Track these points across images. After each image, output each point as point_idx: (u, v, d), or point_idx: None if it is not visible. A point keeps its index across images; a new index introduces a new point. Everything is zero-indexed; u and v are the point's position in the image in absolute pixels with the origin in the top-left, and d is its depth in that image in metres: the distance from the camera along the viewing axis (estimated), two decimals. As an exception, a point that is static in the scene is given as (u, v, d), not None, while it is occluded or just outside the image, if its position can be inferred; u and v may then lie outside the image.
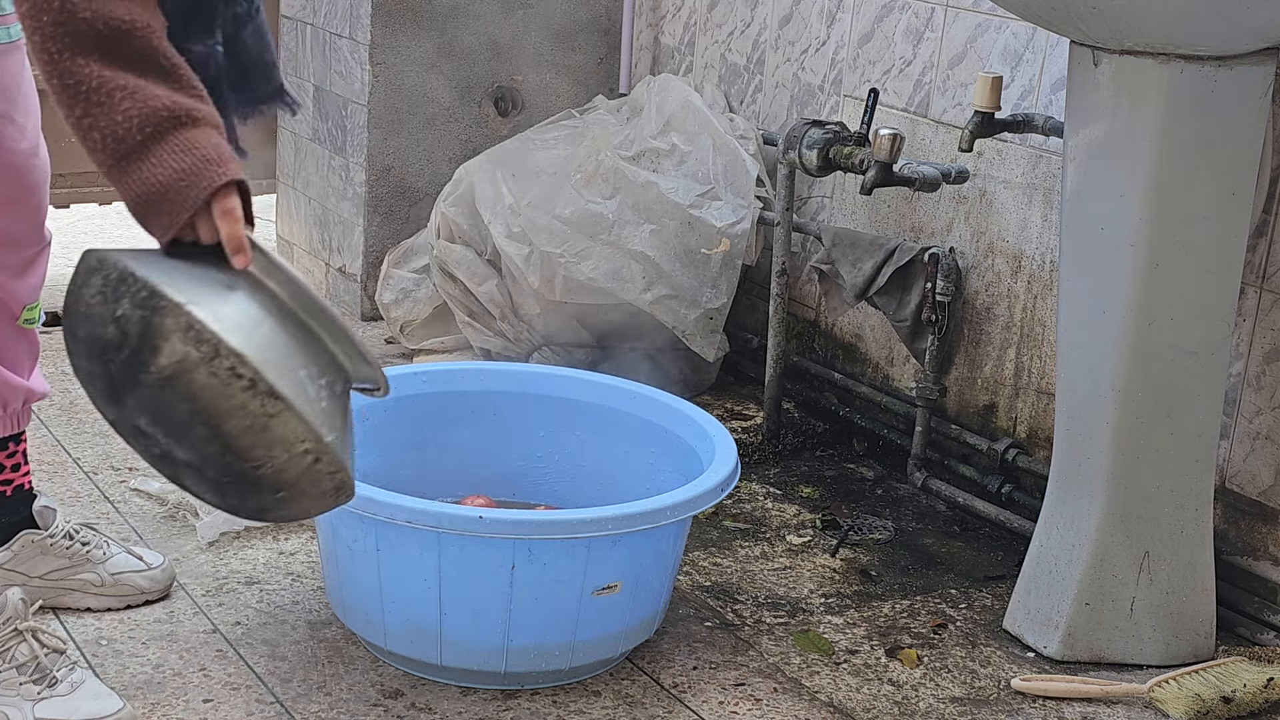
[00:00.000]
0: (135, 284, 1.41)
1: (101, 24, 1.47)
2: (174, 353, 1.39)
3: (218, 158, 1.49)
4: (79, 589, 2.22)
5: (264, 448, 1.45)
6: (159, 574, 2.28)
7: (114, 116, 1.47)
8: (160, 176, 1.47)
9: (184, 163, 1.47)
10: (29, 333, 2.15)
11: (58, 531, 2.21)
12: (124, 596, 2.24)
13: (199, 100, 1.52)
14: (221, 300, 1.43)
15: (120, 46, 1.48)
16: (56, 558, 2.21)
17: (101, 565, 2.23)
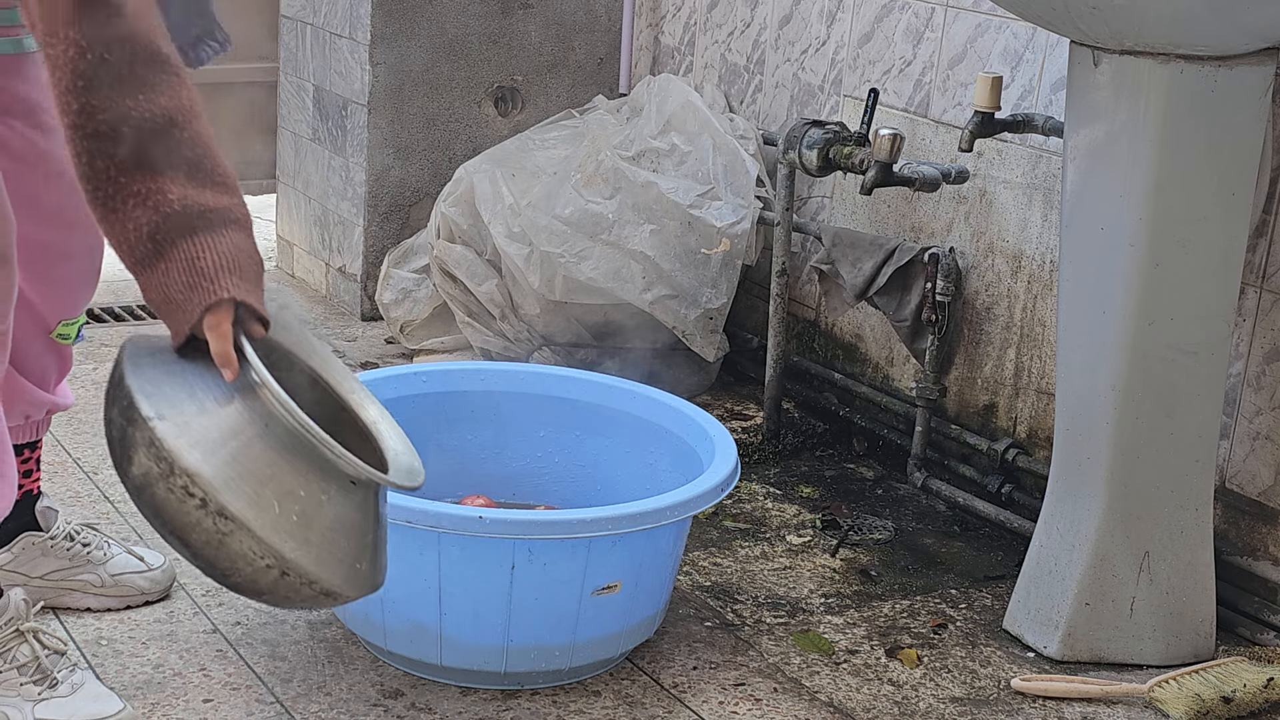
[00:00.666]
0: (123, 392, 1.49)
1: (121, 124, 1.51)
2: (141, 465, 1.48)
3: (215, 271, 1.53)
4: (79, 589, 2.22)
5: (227, 561, 1.51)
6: (159, 575, 2.28)
7: (127, 225, 1.52)
8: (165, 288, 1.53)
9: (185, 277, 1.52)
10: (62, 347, 2.13)
11: (58, 533, 2.21)
12: (124, 597, 2.24)
13: (219, 192, 1.56)
14: (198, 412, 1.49)
15: (139, 145, 1.52)
16: (57, 559, 2.21)
17: (102, 566, 2.23)
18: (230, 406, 1.51)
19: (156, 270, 1.54)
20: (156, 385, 1.50)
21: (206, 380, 1.53)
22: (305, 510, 1.51)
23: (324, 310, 3.64)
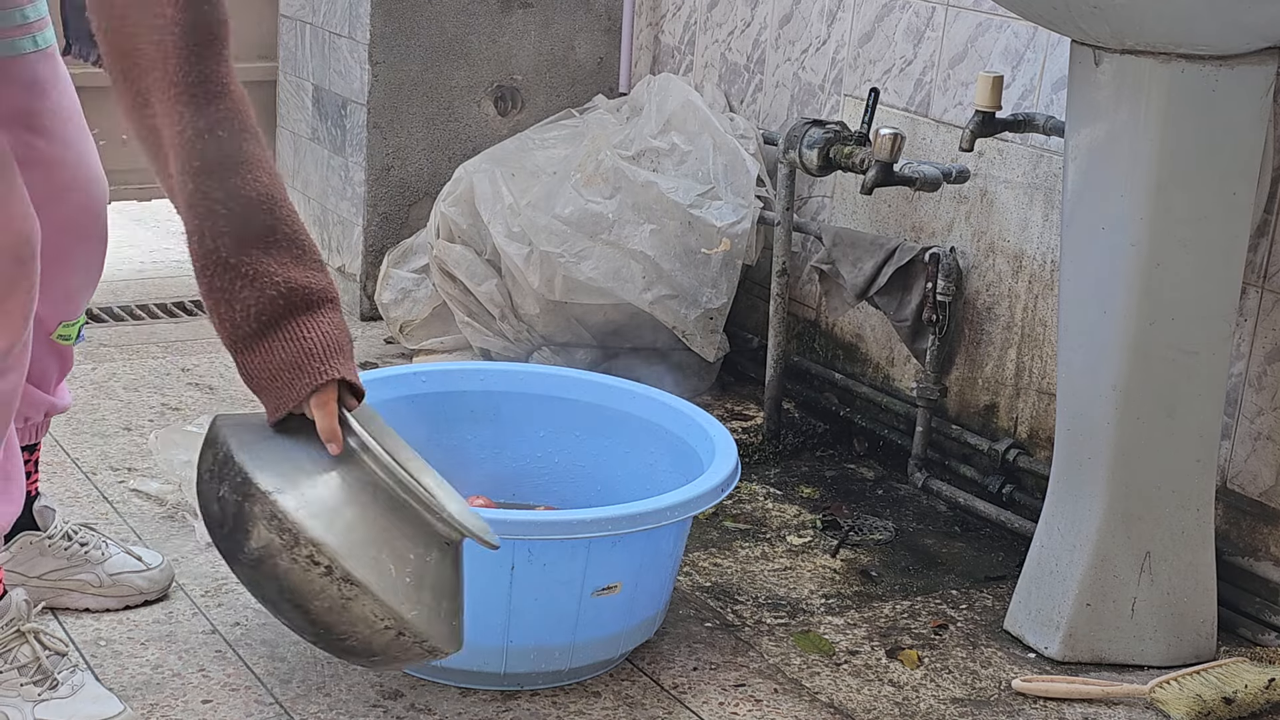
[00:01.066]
0: (234, 469, 1.54)
1: (231, 203, 1.56)
2: (261, 538, 1.52)
3: (322, 351, 1.58)
4: (77, 589, 2.22)
5: (347, 625, 1.56)
6: (157, 574, 2.27)
7: (234, 305, 1.58)
8: (269, 367, 1.59)
9: (290, 356, 1.58)
10: (63, 348, 2.13)
11: (56, 532, 2.21)
12: (122, 597, 2.24)
13: (314, 270, 1.60)
14: (311, 484, 1.55)
15: (246, 224, 1.56)
16: (55, 558, 2.20)
17: (100, 566, 2.22)
18: (335, 475, 1.57)
19: (259, 350, 1.58)
20: (266, 460, 1.55)
21: (309, 452, 1.58)
22: (416, 572, 1.58)
23: (323, 310, 3.63)
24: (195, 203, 1.56)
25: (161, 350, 3.30)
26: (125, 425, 2.89)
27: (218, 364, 3.22)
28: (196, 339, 3.36)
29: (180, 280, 3.78)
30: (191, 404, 3.01)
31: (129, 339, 3.36)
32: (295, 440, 1.60)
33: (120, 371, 3.16)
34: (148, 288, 3.71)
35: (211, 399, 3.05)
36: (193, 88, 1.54)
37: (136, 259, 3.92)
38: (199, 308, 3.59)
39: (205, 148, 1.55)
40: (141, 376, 3.14)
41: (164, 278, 3.80)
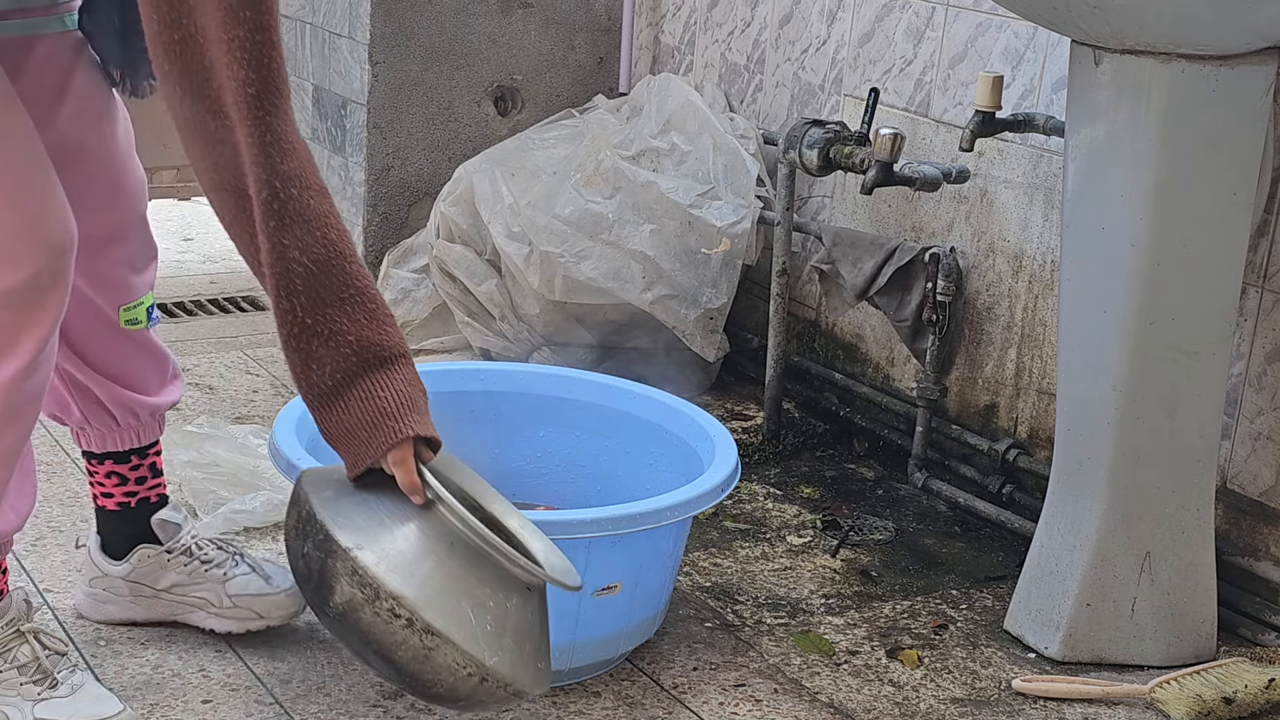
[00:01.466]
0: (316, 527, 1.60)
1: (305, 260, 1.59)
2: (344, 593, 1.58)
3: (396, 410, 1.62)
4: (199, 607, 2.15)
5: (432, 673, 1.61)
6: (283, 599, 2.15)
7: (311, 364, 1.62)
8: (346, 425, 1.62)
9: (367, 414, 1.61)
10: (144, 339, 2.06)
11: (177, 547, 2.15)
12: (243, 620, 2.15)
13: (385, 326, 1.64)
14: (390, 538, 1.60)
15: (319, 282, 1.60)
16: (176, 573, 2.15)
17: (221, 585, 2.15)
18: (414, 527, 1.61)
19: (337, 408, 1.62)
20: (346, 516, 1.60)
21: (388, 505, 1.63)
22: (496, 618, 1.62)
23: (323, 310, 3.63)
24: (272, 262, 1.59)
25: (161, 350, 3.30)
26: (125, 425, 2.89)
27: (218, 364, 3.22)
28: (196, 339, 3.36)
29: (180, 280, 3.78)
30: (191, 404, 3.01)
31: (129, 339, 3.35)
32: (375, 494, 1.64)
33: (120, 371, 3.16)
34: (148, 288, 3.71)
35: (211, 399, 3.05)
36: (265, 148, 1.57)
37: (136, 259, 3.92)
38: (199, 308, 3.59)
39: (279, 208, 1.58)
40: (141, 376, 3.14)
41: (164, 278, 3.80)
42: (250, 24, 1.54)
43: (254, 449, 2.62)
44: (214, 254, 4.05)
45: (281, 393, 3.09)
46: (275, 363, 3.25)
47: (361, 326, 1.62)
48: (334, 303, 1.61)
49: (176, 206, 4.34)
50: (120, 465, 2.12)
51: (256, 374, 3.19)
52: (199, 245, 4.12)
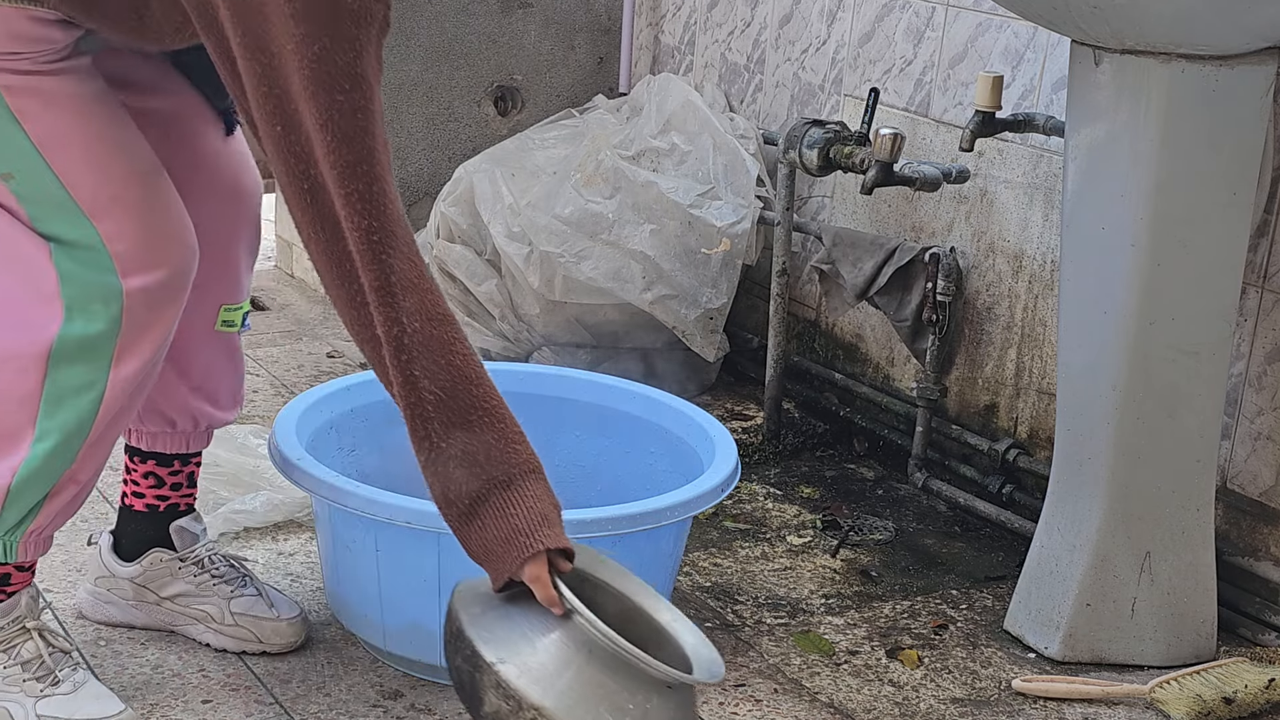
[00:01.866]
0: (465, 642, 1.69)
1: (436, 387, 1.67)
2: (492, 704, 1.67)
3: (527, 526, 1.68)
4: (201, 620, 2.15)
5: None
6: (284, 626, 2.15)
7: (449, 485, 1.68)
8: (483, 543, 1.70)
9: (501, 531, 1.68)
10: (230, 346, 2.09)
11: (189, 557, 2.15)
12: (241, 640, 2.15)
13: (515, 444, 1.70)
14: (531, 650, 1.68)
15: (450, 408, 1.68)
16: (184, 582, 2.15)
17: (227, 601, 2.15)
18: (555, 637, 1.68)
19: (474, 527, 1.69)
20: (491, 630, 1.69)
21: (530, 617, 1.70)
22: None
23: (323, 310, 3.63)
24: (405, 393, 1.66)
25: (161, 350, 3.29)
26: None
27: (218, 364, 3.22)
28: (196, 339, 3.36)
29: (180, 280, 3.78)
30: (191, 404, 3.01)
31: (129, 339, 3.35)
32: (518, 606, 1.71)
33: (120, 371, 3.15)
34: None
35: (211, 399, 3.05)
36: (389, 289, 1.64)
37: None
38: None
39: (407, 342, 1.65)
40: (141, 376, 3.14)
41: (164, 278, 3.80)
42: (366, 178, 1.62)
43: (254, 449, 2.62)
44: (214, 254, 4.05)
45: (281, 393, 3.09)
46: (275, 363, 3.25)
47: (490, 447, 1.68)
48: (464, 425, 1.68)
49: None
50: (162, 468, 2.13)
51: (256, 374, 3.19)
52: (199, 245, 4.11)
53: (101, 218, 1.79)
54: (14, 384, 1.81)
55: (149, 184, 1.84)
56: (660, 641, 1.79)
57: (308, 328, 3.50)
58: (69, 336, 1.80)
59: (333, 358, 3.33)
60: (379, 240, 1.63)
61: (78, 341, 1.80)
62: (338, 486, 2.02)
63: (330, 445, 2.27)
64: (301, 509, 2.54)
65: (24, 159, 1.77)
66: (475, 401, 1.69)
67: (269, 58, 1.61)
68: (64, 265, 1.79)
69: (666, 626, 1.81)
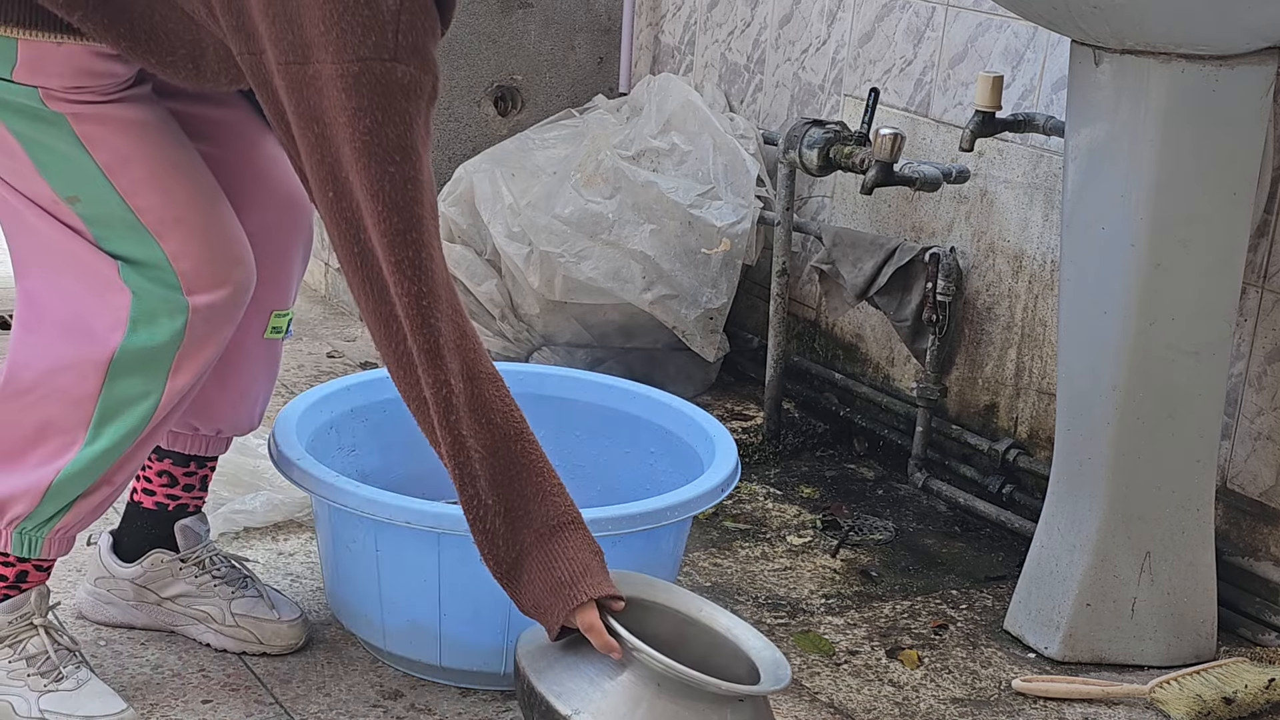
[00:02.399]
0: (538, 699, 1.74)
1: (482, 446, 1.73)
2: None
3: (570, 577, 1.74)
4: (202, 620, 2.16)
5: None
6: (285, 628, 2.15)
7: (495, 541, 1.75)
8: (532, 595, 1.76)
9: (547, 583, 1.74)
10: (272, 355, 2.11)
11: (190, 557, 2.15)
12: (241, 640, 2.15)
13: (556, 496, 1.76)
14: (602, 694, 1.73)
15: (493, 464, 1.73)
16: (185, 583, 2.16)
17: (228, 602, 2.16)
18: (623, 678, 1.73)
19: (523, 580, 1.75)
20: (561, 683, 1.75)
21: (595, 662, 1.75)
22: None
23: (323, 310, 3.63)
24: (454, 453, 1.72)
25: (161, 350, 3.29)
26: (125, 425, 2.89)
27: (218, 364, 3.22)
28: (196, 339, 3.36)
29: (180, 280, 3.78)
30: (191, 404, 3.01)
31: (129, 339, 3.35)
32: (581, 654, 1.76)
33: (120, 371, 3.15)
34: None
35: (211, 399, 3.04)
36: (436, 351, 1.70)
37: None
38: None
39: (454, 402, 1.71)
40: (141, 376, 3.14)
41: (164, 278, 3.80)
42: (414, 245, 1.66)
43: (254, 449, 2.62)
44: (214, 254, 4.05)
45: (281, 392, 3.09)
46: (275, 363, 3.25)
47: (531, 500, 1.74)
48: (507, 482, 1.74)
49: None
50: (177, 467, 2.13)
51: (256, 374, 3.19)
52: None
53: (167, 238, 1.83)
54: (72, 388, 1.85)
55: (210, 206, 1.88)
56: (722, 649, 1.84)
57: (308, 328, 3.50)
58: (131, 347, 1.84)
59: (333, 358, 3.33)
60: (427, 305, 1.68)
61: (139, 352, 1.84)
62: (338, 486, 2.02)
63: (330, 445, 2.27)
64: (301, 509, 2.54)
65: (91, 183, 1.82)
66: (515, 457, 1.74)
67: (322, 127, 1.65)
68: (133, 280, 1.83)
69: (726, 633, 1.85)
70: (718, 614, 1.88)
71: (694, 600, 1.89)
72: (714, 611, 1.88)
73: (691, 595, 1.90)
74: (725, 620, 1.87)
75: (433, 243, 1.69)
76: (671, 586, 1.90)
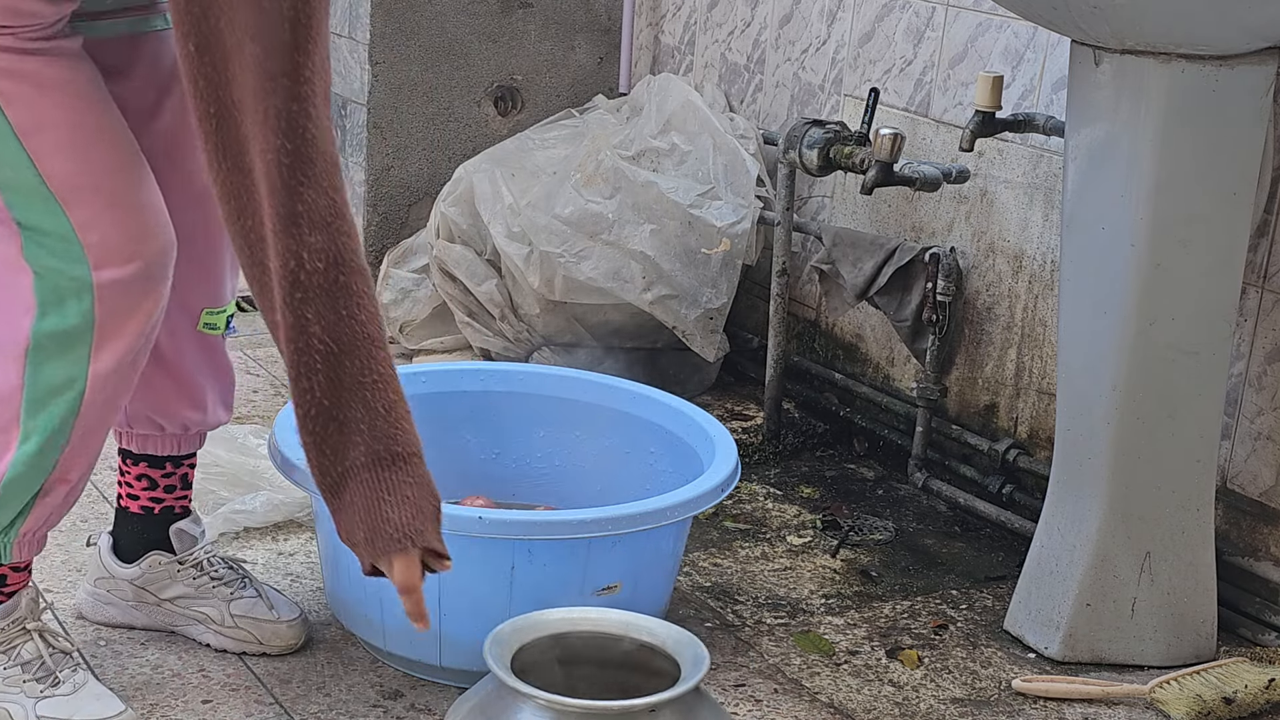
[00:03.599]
0: None
1: (328, 339, 1.54)
2: None
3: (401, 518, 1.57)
4: (201, 621, 2.15)
5: None
6: (284, 629, 2.15)
7: (323, 449, 1.57)
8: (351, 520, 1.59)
9: (371, 514, 1.57)
10: (214, 349, 2.07)
11: (188, 559, 2.15)
12: (241, 641, 2.14)
13: (402, 423, 1.59)
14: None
15: (340, 365, 1.55)
16: (183, 584, 2.15)
17: (226, 604, 2.14)
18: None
19: (344, 500, 1.59)
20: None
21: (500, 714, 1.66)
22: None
23: (323, 310, 3.63)
24: (293, 338, 1.55)
25: (161, 350, 3.29)
26: (125, 425, 2.89)
27: (218, 364, 3.22)
28: (196, 339, 3.36)
29: (180, 280, 3.78)
30: (191, 404, 3.01)
31: (129, 339, 3.35)
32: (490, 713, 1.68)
33: (120, 371, 3.15)
34: (148, 288, 3.71)
35: (211, 399, 3.05)
36: (295, 219, 1.52)
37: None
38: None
39: (305, 279, 1.54)
40: (141, 376, 3.14)
41: (164, 278, 3.80)
42: (286, 93, 1.50)
43: (254, 449, 2.62)
44: (214, 254, 4.05)
45: (281, 393, 3.09)
46: (275, 363, 3.25)
47: (376, 417, 1.57)
48: (352, 387, 1.56)
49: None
50: (154, 469, 2.12)
51: (256, 374, 3.19)
52: (199, 245, 4.12)
53: (75, 206, 1.76)
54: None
55: (128, 174, 1.81)
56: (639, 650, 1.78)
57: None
58: (43, 332, 1.79)
59: (333, 358, 3.33)
60: (290, 165, 1.51)
61: (51, 336, 1.79)
62: (338, 486, 2.01)
63: (330, 445, 2.27)
64: (301, 509, 2.54)
65: (2, 143, 1.75)
66: (367, 364, 1.56)
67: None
68: (35, 258, 1.77)
69: (622, 630, 1.78)
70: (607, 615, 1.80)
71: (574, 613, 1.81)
72: (601, 616, 1.80)
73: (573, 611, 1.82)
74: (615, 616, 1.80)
75: (312, 98, 1.52)
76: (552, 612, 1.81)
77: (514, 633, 1.75)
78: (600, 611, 1.82)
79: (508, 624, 1.76)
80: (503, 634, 1.74)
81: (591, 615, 1.81)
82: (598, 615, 1.81)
